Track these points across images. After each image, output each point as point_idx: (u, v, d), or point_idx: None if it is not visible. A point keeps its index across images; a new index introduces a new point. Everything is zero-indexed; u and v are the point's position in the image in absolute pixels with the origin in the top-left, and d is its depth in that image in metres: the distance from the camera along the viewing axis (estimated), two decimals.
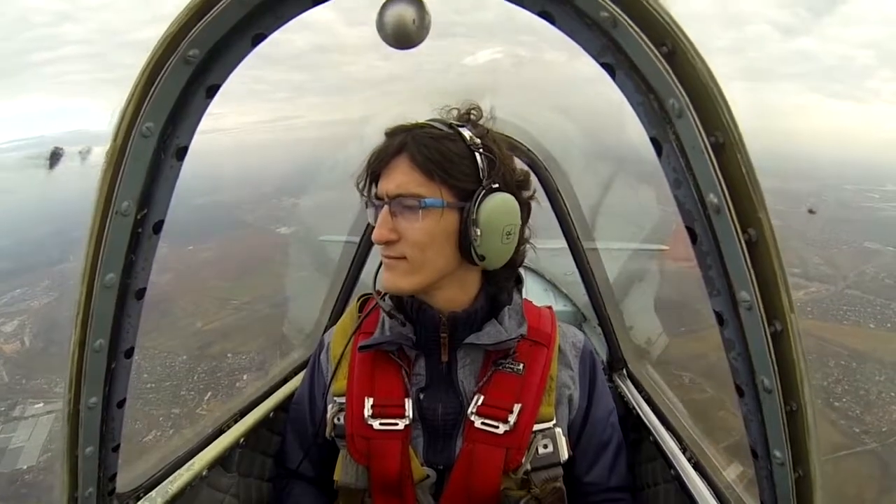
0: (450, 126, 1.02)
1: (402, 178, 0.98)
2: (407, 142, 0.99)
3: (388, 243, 0.99)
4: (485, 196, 0.98)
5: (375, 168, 1.03)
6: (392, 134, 1.03)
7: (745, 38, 31.48)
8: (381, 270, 1.11)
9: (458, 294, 1.07)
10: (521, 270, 1.16)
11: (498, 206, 0.99)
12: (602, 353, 1.82)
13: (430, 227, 0.98)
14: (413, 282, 1.01)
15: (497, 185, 1.00)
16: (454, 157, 0.98)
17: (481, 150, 1.00)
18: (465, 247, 0.99)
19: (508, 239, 1.01)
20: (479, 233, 0.98)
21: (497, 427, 1.04)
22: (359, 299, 1.29)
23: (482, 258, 1.00)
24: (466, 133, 1.00)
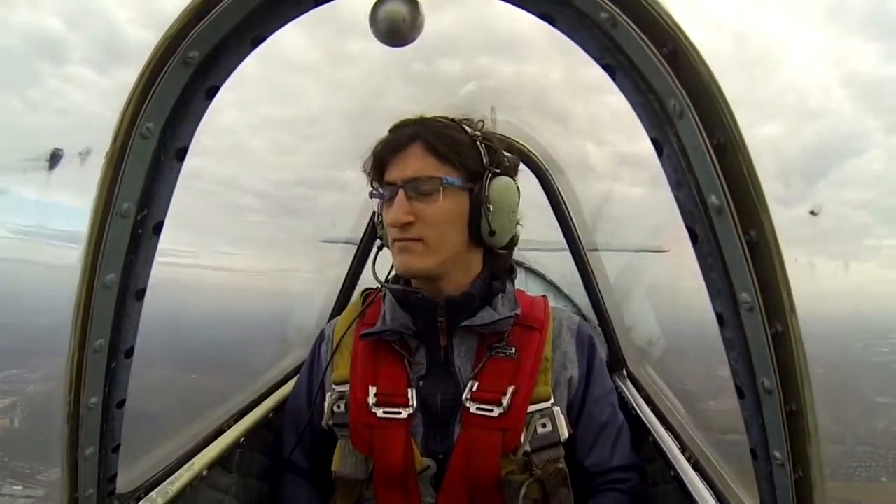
0: (451, 119, 1.10)
1: (417, 163, 1.04)
2: (419, 131, 1.05)
3: (404, 225, 1.02)
4: (492, 178, 1.07)
5: (385, 156, 1.07)
6: (399, 127, 1.09)
7: None
8: (383, 258, 1.14)
9: (463, 278, 1.11)
10: (521, 270, 1.18)
11: (505, 186, 1.08)
12: (602, 354, 1.82)
13: (447, 207, 1.04)
14: (429, 262, 1.05)
15: (499, 170, 1.09)
16: (463, 143, 1.06)
17: (481, 140, 1.09)
18: (475, 225, 1.06)
19: (513, 217, 1.10)
20: (490, 209, 1.05)
21: (492, 410, 1.04)
22: (362, 293, 1.30)
23: (492, 234, 1.07)
24: (465, 127, 1.09)
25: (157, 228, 0.66)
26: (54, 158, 0.76)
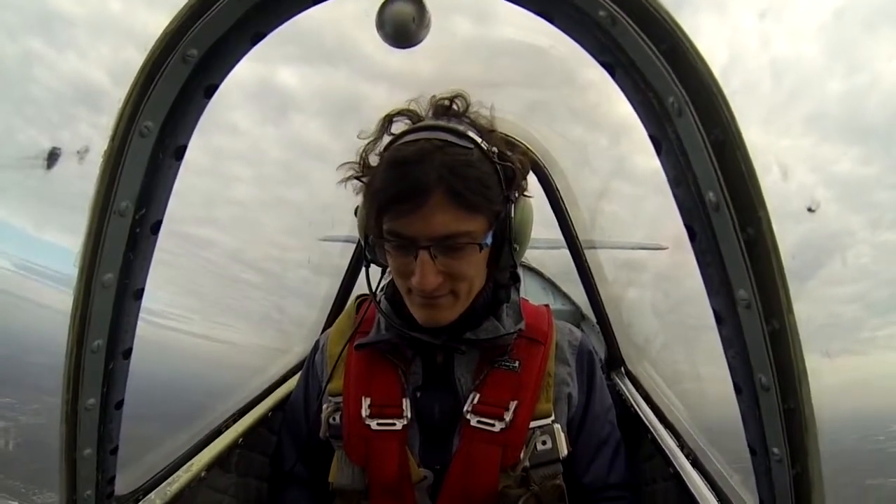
0: (461, 135, 0.92)
1: (444, 216, 0.88)
2: (441, 174, 0.86)
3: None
4: (514, 208, 0.97)
5: (401, 207, 0.88)
6: (410, 162, 0.88)
7: None
8: (385, 283, 1.10)
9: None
10: (520, 269, 1.16)
11: (527, 213, 0.99)
12: (601, 352, 1.82)
13: (479, 260, 0.95)
14: (458, 311, 1.00)
15: (517, 192, 0.99)
16: (488, 181, 0.91)
17: (497, 160, 0.94)
18: (496, 258, 0.99)
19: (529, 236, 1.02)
20: (517, 248, 0.99)
21: (493, 425, 1.03)
22: (356, 300, 1.28)
23: (515, 266, 1.02)
24: (479, 139, 0.93)
25: (156, 228, 0.66)
26: (52, 157, 0.76)
